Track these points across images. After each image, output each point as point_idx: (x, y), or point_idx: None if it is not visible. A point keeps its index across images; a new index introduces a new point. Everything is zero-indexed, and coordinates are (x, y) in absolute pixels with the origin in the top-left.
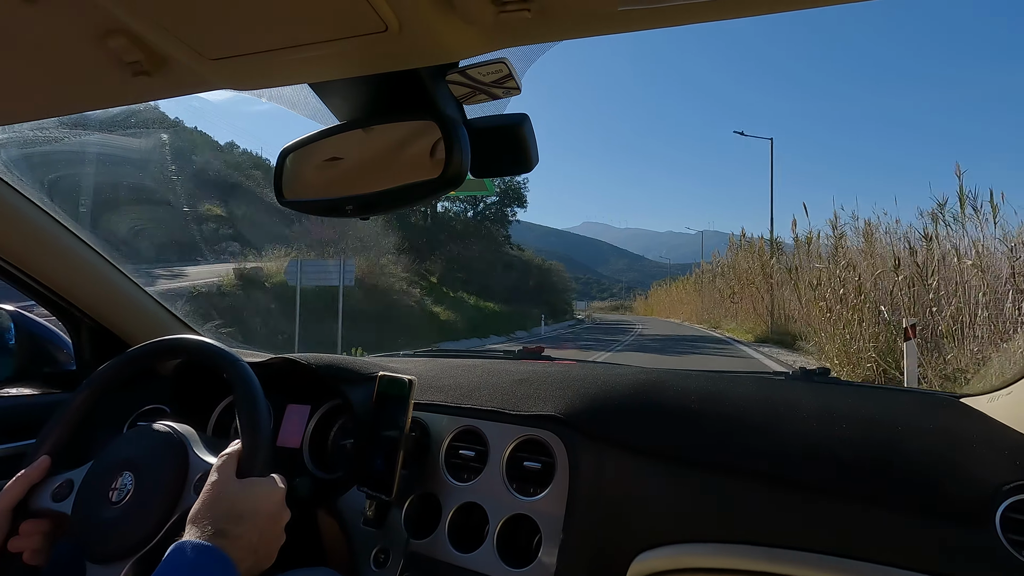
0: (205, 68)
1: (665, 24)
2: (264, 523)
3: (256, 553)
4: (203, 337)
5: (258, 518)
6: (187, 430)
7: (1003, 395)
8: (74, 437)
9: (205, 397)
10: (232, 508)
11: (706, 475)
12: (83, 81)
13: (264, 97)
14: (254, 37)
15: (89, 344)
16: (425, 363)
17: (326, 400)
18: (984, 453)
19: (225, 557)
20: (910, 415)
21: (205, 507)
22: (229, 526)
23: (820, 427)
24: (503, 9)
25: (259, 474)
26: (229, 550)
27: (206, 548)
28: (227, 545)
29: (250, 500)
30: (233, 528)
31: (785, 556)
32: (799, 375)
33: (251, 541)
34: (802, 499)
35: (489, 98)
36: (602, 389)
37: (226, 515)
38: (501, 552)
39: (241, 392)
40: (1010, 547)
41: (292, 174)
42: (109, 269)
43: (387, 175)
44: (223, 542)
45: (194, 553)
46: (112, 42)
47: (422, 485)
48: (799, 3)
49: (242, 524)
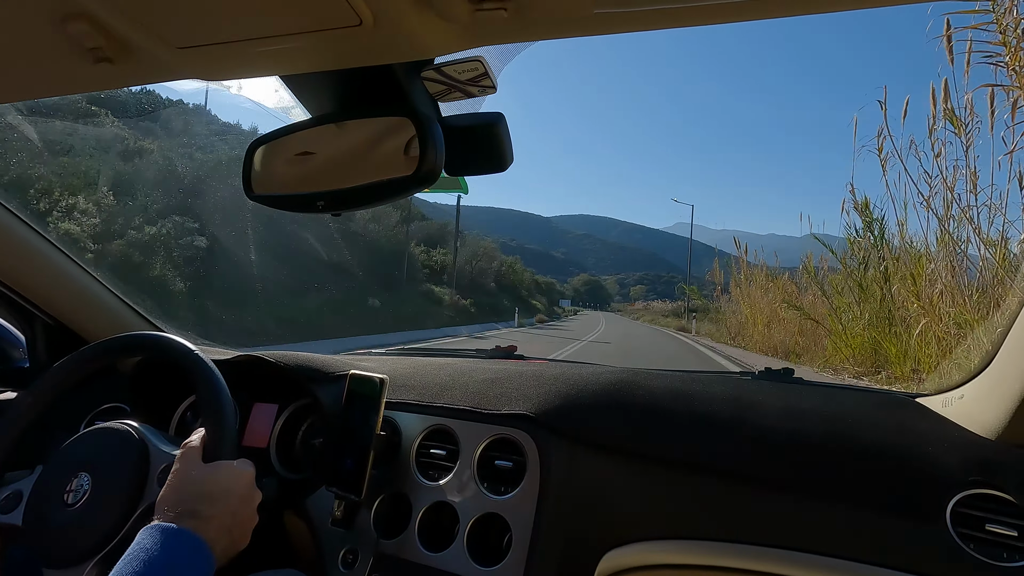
0: (171, 57)
1: (642, 28)
2: (236, 503)
3: (231, 533)
4: (166, 333)
5: (230, 498)
6: (148, 428)
7: (955, 396)
8: (22, 442)
9: (167, 396)
10: (202, 489)
11: (674, 473)
12: (40, 66)
13: (233, 89)
14: (223, 26)
15: (44, 340)
16: (396, 362)
17: (294, 399)
18: (936, 450)
19: (197, 538)
20: (868, 414)
21: (172, 490)
22: (201, 507)
23: (783, 426)
24: (479, 7)
25: (226, 458)
26: (202, 531)
27: (177, 531)
28: (199, 526)
29: (221, 481)
30: (206, 509)
31: (749, 552)
32: (764, 375)
33: (224, 522)
34: (765, 496)
35: (464, 96)
36: (573, 388)
37: (197, 496)
38: (471, 551)
39: (204, 388)
40: (960, 540)
41: (261, 168)
42: (64, 261)
43: (360, 171)
44: (195, 523)
45: (164, 536)
46: (72, 27)
47: (392, 485)
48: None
49: (215, 505)
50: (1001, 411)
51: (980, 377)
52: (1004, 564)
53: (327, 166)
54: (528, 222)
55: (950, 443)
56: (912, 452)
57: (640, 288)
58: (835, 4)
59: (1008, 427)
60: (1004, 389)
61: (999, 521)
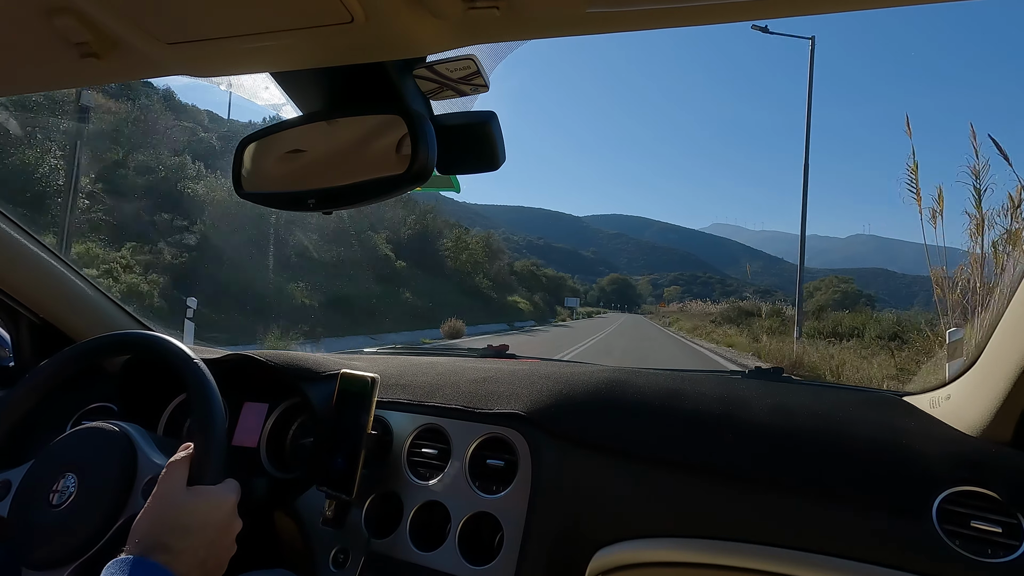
0: (160, 53)
1: (634, 28)
2: (212, 535)
3: (204, 566)
4: (156, 333)
5: (206, 530)
6: (136, 429)
7: (941, 395)
8: (12, 436)
9: (155, 395)
10: (178, 520)
11: (664, 471)
12: (24, 61)
13: (223, 85)
14: (213, 22)
15: (30, 339)
16: (388, 361)
17: (285, 398)
18: (923, 448)
19: (167, 573)
20: (856, 412)
21: (149, 518)
22: (173, 540)
23: (772, 424)
24: (472, 5)
25: (211, 480)
26: (173, 565)
27: (146, 564)
28: (170, 560)
29: (199, 512)
30: (177, 542)
31: (738, 549)
32: (754, 374)
33: (197, 555)
34: (754, 493)
35: (456, 94)
36: (565, 387)
37: (171, 528)
38: (463, 550)
39: (195, 393)
40: (946, 537)
41: (252, 165)
42: (50, 259)
43: (351, 169)
44: (166, 557)
45: (132, 570)
46: (58, 20)
47: (383, 484)
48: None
49: (188, 537)
50: (986, 409)
51: (966, 376)
52: (989, 560)
53: (318, 164)
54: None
55: (936, 441)
56: (899, 450)
57: (675, 289)
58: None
59: (992, 425)
60: (989, 387)
61: (984, 518)
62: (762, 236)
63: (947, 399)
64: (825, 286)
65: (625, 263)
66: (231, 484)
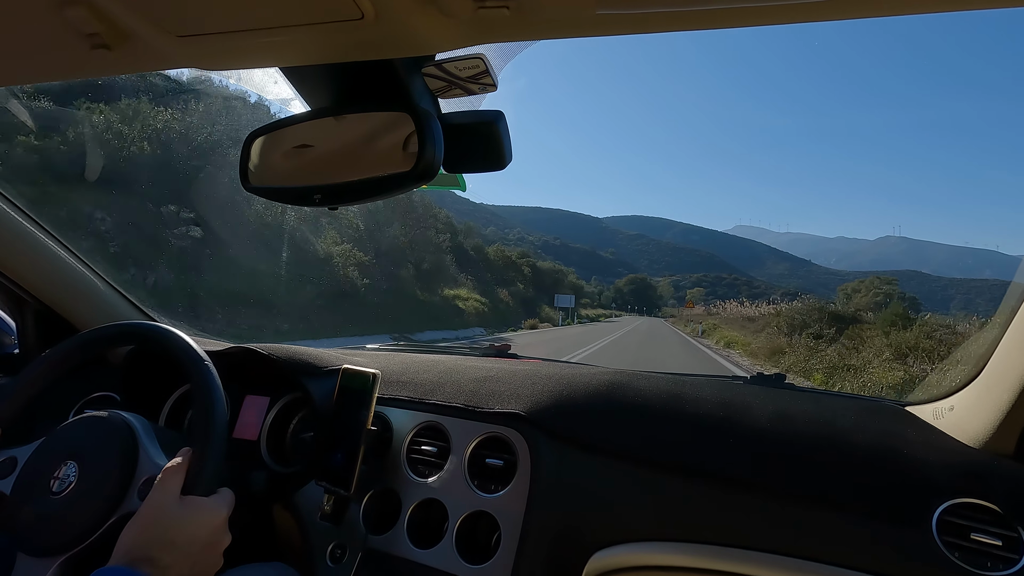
0: (170, 46)
1: (644, 30)
2: (199, 551)
3: None
4: (161, 324)
5: (193, 546)
6: (139, 420)
7: (944, 407)
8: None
9: (158, 386)
10: (165, 534)
11: (663, 475)
12: (37, 51)
13: (233, 79)
14: (224, 16)
15: (35, 327)
16: (389, 357)
17: (286, 392)
18: (924, 458)
19: None
20: (858, 421)
21: (138, 529)
22: (160, 554)
23: (772, 430)
24: (482, 5)
25: (204, 491)
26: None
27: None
28: (156, 574)
29: (188, 527)
30: (164, 556)
31: (737, 555)
32: (756, 380)
33: (181, 571)
34: (753, 499)
35: (464, 93)
36: (566, 388)
37: (159, 542)
38: (460, 548)
39: (199, 393)
40: (945, 549)
41: (259, 159)
42: (56, 248)
43: (358, 166)
44: (151, 571)
45: None
46: (70, 11)
47: (382, 480)
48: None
49: (174, 552)
50: (988, 421)
51: (969, 388)
52: (988, 573)
53: (325, 159)
54: (578, 223)
55: (937, 452)
56: (900, 460)
57: (699, 291)
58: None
59: (994, 437)
60: (992, 400)
61: (984, 530)
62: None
63: (950, 410)
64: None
65: (645, 264)
66: (225, 496)
